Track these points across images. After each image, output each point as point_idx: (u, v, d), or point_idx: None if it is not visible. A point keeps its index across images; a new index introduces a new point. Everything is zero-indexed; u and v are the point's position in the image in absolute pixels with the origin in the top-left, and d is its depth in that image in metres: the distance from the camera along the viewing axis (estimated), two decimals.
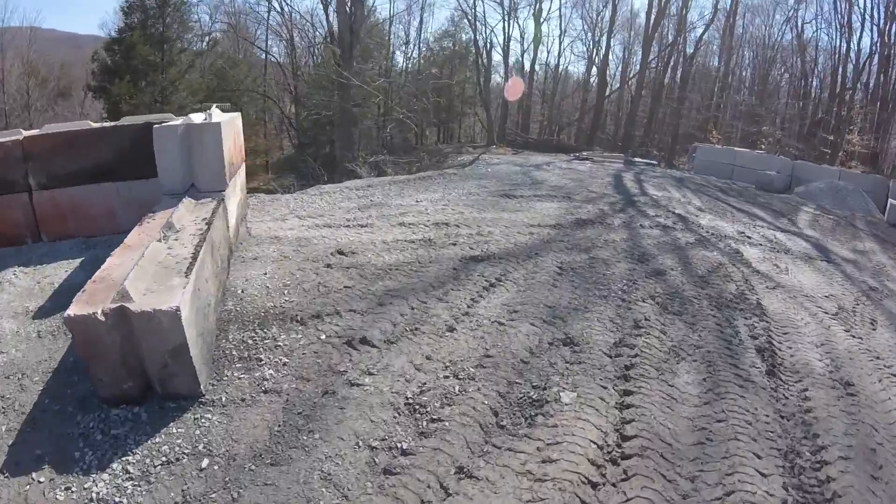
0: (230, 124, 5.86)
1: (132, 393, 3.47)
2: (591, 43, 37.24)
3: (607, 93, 35.42)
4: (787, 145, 27.75)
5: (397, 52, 38.65)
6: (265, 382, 3.68)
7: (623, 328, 4.89)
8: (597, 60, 35.44)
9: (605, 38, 34.01)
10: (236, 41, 35.09)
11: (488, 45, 29.98)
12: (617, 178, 13.79)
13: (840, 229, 11.08)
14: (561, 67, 39.69)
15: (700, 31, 33.93)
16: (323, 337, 4.23)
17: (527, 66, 34.70)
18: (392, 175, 13.59)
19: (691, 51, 34.05)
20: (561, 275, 6.01)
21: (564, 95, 38.38)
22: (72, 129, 6.36)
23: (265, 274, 5.16)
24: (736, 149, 20.31)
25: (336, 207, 8.64)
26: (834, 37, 31.25)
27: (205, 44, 31.96)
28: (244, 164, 7.21)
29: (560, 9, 39.81)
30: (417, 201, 9.14)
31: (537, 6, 32.54)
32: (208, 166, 5.25)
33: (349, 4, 21.23)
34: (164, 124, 5.25)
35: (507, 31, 32.47)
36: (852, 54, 30.00)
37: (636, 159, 19.47)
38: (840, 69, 30.17)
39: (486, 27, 30.29)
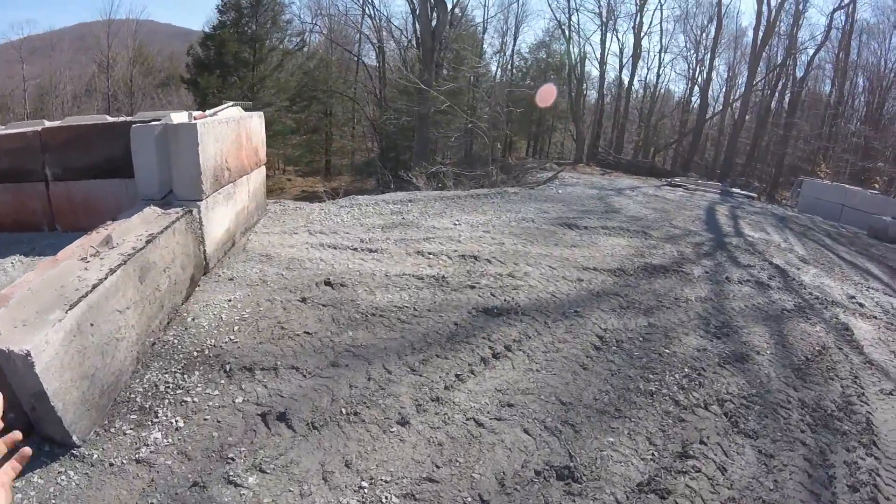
0: (227, 126, 5.50)
1: (15, 425, 2.73)
2: (693, 61, 34.27)
3: (708, 115, 32.27)
4: None
5: (491, 61, 37.59)
6: (144, 448, 3.06)
7: (662, 455, 3.40)
8: (699, 80, 32.46)
9: (708, 55, 31.00)
10: (329, 43, 35.72)
11: (581, 57, 28.15)
12: (709, 212, 11.87)
13: None
14: (660, 86, 36.92)
15: (811, 52, 30.07)
16: (239, 400, 3.45)
17: (625, 83, 32.42)
18: (449, 189, 12.48)
19: (801, 74, 30.22)
20: (600, 349, 4.60)
21: (662, 116, 35.52)
22: (87, 122, 6.40)
23: (229, 301, 4.60)
24: (847, 186, 17.46)
25: (358, 224, 7.73)
26: None
27: (295, 44, 32.65)
28: (260, 169, 6.83)
29: (661, 23, 36.92)
30: (455, 224, 7.99)
31: (638, 19, 30.26)
32: (183, 172, 4.86)
33: (432, 9, 20.49)
34: (140, 124, 4.91)
35: (604, 44, 30.47)
36: None
37: (734, 190, 17.18)
38: None
39: (580, 39, 28.54)
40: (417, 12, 20.98)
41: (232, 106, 6.54)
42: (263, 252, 5.84)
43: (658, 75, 38.00)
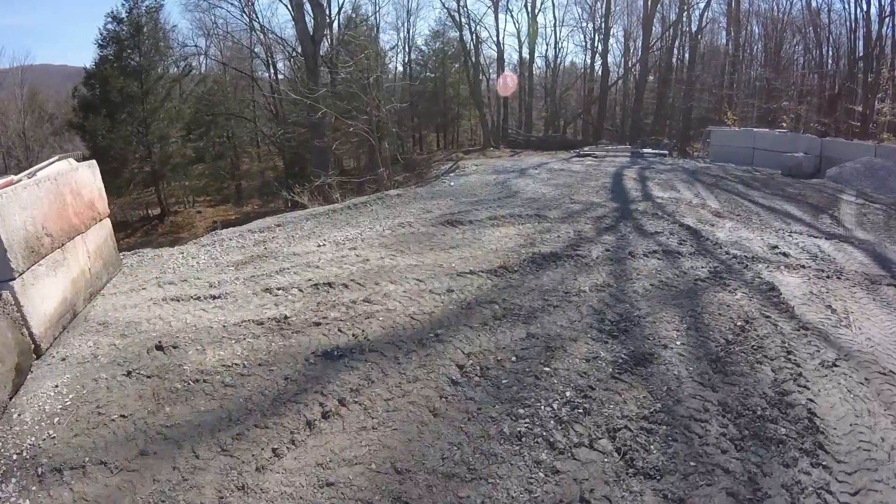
0: (40, 187, 4.91)
1: None
2: (591, 30, 34.12)
3: (611, 81, 32.22)
4: (810, 121, 24.13)
5: (389, 58, 36.26)
6: None
7: None
8: (598, 48, 32.33)
9: (603, 23, 30.85)
10: (221, 64, 33.52)
11: (475, 41, 27.18)
12: (616, 178, 11.21)
13: (895, 223, 8.17)
14: (560, 60, 36.63)
15: (703, 6, 30.46)
16: None
17: (525, 61, 31.82)
18: (336, 202, 11.21)
19: (696, 28, 30.59)
20: (458, 384, 3.59)
21: (566, 88, 35.26)
22: None
23: (56, 387, 3.99)
24: (755, 129, 17.36)
25: (213, 265, 6.59)
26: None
27: (181, 69, 30.38)
28: (101, 223, 6.19)
29: None
30: (319, 245, 6.84)
31: None
32: None
33: (308, 14, 19.04)
34: None
35: (498, 25, 29.71)
36: (874, 15, 26.07)
37: (645, 150, 16.76)
38: (861, 33, 26.33)
39: (471, 23, 27.54)
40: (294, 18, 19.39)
41: (58, 160, 5.94)
42: (102, 319, 5.09)
43: (557, 49, 37.78)
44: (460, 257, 5.88)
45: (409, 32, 38.53)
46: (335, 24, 26.63)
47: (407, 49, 37.55)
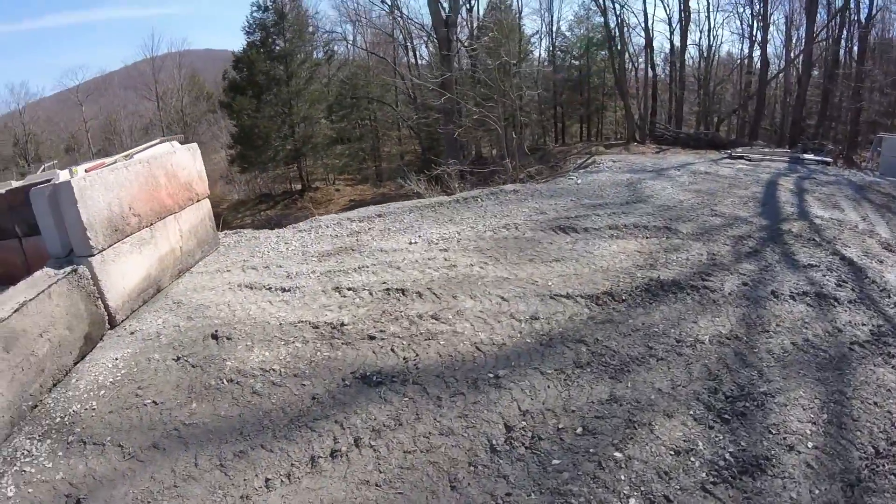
0: (129, 171, 5.29)
1: None
2: (749, 16, 29.73)
3: (770, 75, 27.79)
4: None
5: (531, 45, 35.02)
6: None
7: None
8: (757, 37, 28.09)
9: (761, 8, 26.64)
10: (364, 49, 34.92)
11: (620, 25, 24.92)
12: (769, 188, 9.42)
13: None
14: (713, 49, 31.95)
15: None
16: (59, 476, 3.12)
17: (676, 50, 28.66)
18: (454, 192, 10.73)
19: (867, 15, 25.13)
20: (496, 452, 2.94)
21: (719, 81, 31.16)
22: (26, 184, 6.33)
23: (115, 360, 4.28)
24: None
25: (300, 253, 6.58)
26: None
27: (322, 54, 32.17)
28: (199, 204, 6.48)
29: None
30: (411, 242, 6.45)
31: None
32: (72, 229, 4.73)
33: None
34: (36, 187, 4.89)
35: (647, 10, 26.97)
36: None
37: (805, 156, 14.17)
38: None
39: (616, 7, 25.19)
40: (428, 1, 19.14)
41: (160, 142, 6.36)
42: (179, 299, 5.33)
43: (711, 38, 33.52)
44: (561, 274, 5.09)
45: (552, 17, 36.82)
46: (475, 9, 26.17)
47: (552, 35, 35.98)
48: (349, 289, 5.10)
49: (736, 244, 6.03)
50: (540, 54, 36.70)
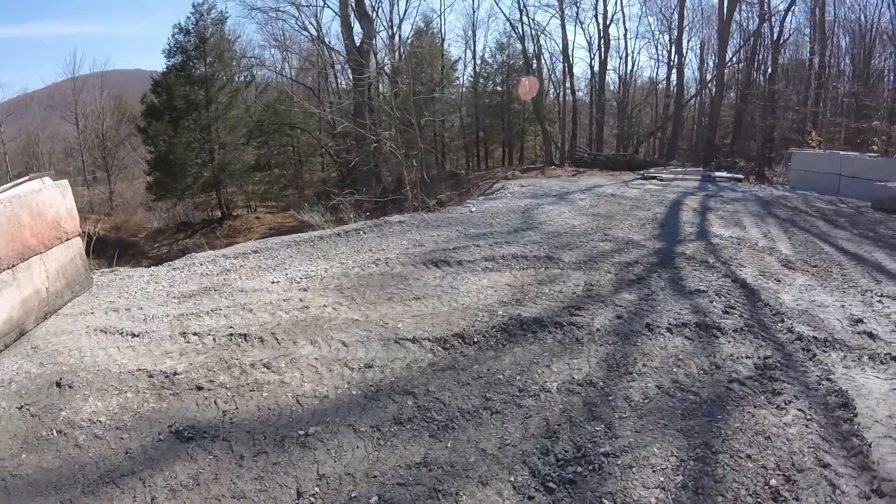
0: None
1: None
2: (667, 42, 31.68)
3: (686, 98, 29.56)
4: None
5: (454, 69, 35.70)
6: None
7: None
8: (674, 62, 29.86)
9: (675, 33, 28.45)
10: (282, 74, 34.60)
11: (537, 52, 25.76)
12: (673, 208, 9.77)
13: None
14: (632, 74, 34.01)
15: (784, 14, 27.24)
16: None
17: (595, 75, 29.94)
18: (349, 223, 10.53)
19: (777, 38, 27.38)
20: None
21: (636, 105, 32.87)
22: None
23: None
24: (841, 153, 15.02)
25: (165, 293, 6.31)
26: None
27: (242, 79, 31.70)
28: (68, 243, 6.28)
29: (622, 8, 34.18)
30: (274, 282, 6.26)
31: (601, 5, 27.97)
32: None
33: (355, 23, 18.73)
34: None
35: (565, 36, 27.98)
36: None
37: (717, 174, 14.99)
38: None
39: (534, 34, 26.22)
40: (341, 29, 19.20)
41: (29, 179, 6.11)
42: (37, 344, 5.11)
43: (629, 63, 35.25)
44: (416, 314, 4.98)
45: (475, 44, 37.76)
46: (396, 36, 26.41)
47: (475, 61, 36.89)
48: (195, 334, 4.85)
49: (620, 272, 5.99)
50: (463, 80, 37.54)
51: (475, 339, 4.40)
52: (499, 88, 34.33)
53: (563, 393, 3.63)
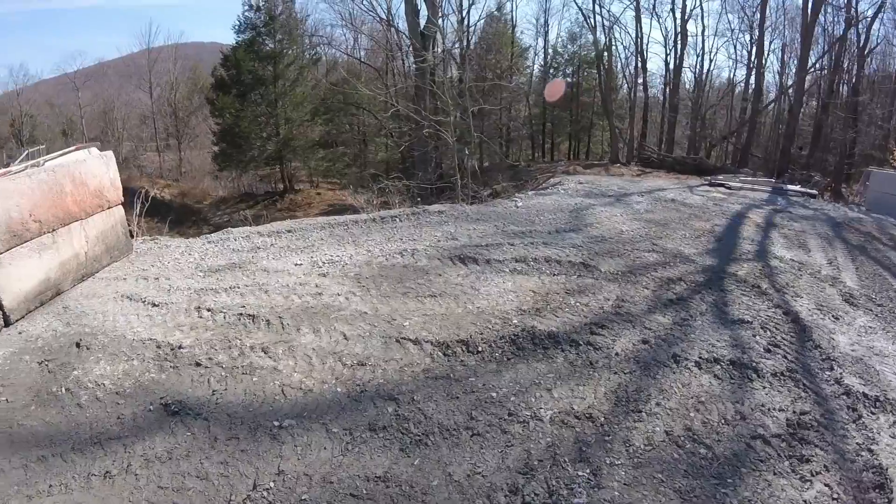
0: (30, 179, 5.54)
1: None
2: (748, 43, 29.48)
3: (764, 103, 27.46)
4: None
5: (524, 57, 35.07)
6: None
7: None
8: (753, 63, 27.82)
9: (756, 33, 26.41)
10: (356, 56, 35.14)
11: (608, 45, 24.73)
12: (735, 220, 9.12)
13: None
14: (708, 73, 31.93)
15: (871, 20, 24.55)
16: None
17: (671, 72, 28.46)
18: (393, 208, 10.58)
19: (863, 46, 24.71)
20: None
21: (710, 106, 30.95)
22: None
23: None
24: None
25: (195, 266, 6.56)
26: None
27: (311, 57, 32.43)
28: (109, 211, 6.71)
29: (700, 3, 32.29)
30: (297, 264, 6.36)
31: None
32: None
33: (416, 10, 18.62)
34: None
35: (640, 30, 26.64)
36: None
37: (789, 187, 13.95)
38: None
39: (605, 26, 25.24)
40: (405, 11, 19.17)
41: (76, 150, 6.62)
42: (68, 304, 5.49)
43: (704, 62, 33.09)
44: (427, 313, 4.90)
45: (546, 33, 36.90)
46: (465, 21, 26.16)
47: (545, 50, 36.08)
48: (208, 309, 5.04)
49: (659, 289, 5.57)
50: (533, 70, 36.90)
51: (479, 349, 4.26)
52: (569, 80, 33.49)
53: (556, 424, 3.38)
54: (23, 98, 38.73)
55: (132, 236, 9.22)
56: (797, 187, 14.25)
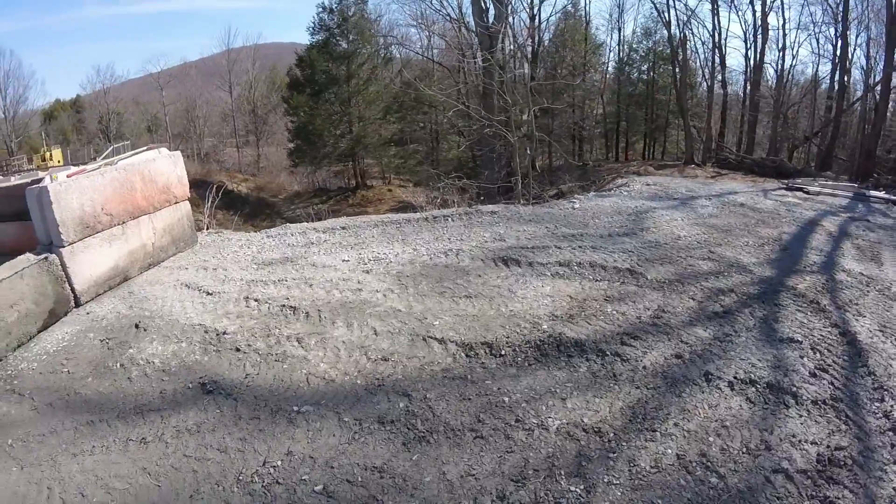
0: (105, 176, 6.20)
1: None
2: (833, 37, 26.89)
3: (849, 101, 25.00)
4: None
5: (599, 54, 34.27)
6: None
7: None
8: (837, 60, 25.62)
9: (841, 26, 24.18)
10: (418, 53, 35.80)
11: (682, 39, 23.57)
12: (805, 229, 8.49)
13: None
14: (791, 70, 29.52)
15: None
16: None
17: (750, 69, 26.84)
18: (450, 206, 10.77)
19: None
20: (238, 483, 3.18)
21: (791, 105, 28.67)
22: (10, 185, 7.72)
23: (66, 333, 5.17)
24: None
25: (250, 259, 7.10)
26: None
27: (381, 57, 33.37)
28: (177, 206, 7.36)
29: None
30: (344, 260, 6.73)
31: None
32: (50, 224, 5.69)
33: (485, 3, 18.60)
34: (30, 187, 5.86)
35: (719, 24, 25.12)
36: None
37: (873, 192, 12.86)
38: None
39: (680, 20, 24.02)
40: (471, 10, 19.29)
41: (147, 150, 7.31)
42: (133, 289, 6.11)
43: (786, 57, 30.78)
44: (459, 313, 5.04)
45: (621, 29, 35.84)
46: (537, 19, 25.95)
47: (620, 46, 35.19)
48: (255, 300, 5.47)
49: (706, 300, 5.29)
50: (607, 66, 36.09)
51: (503, 352, 4.33)
52: (644, 77, 32.48)
53: (561, 435, 3.33)
54: (110, 96, 42.63)
55: (206, 228, 10.00)
56: (881, 193, 13.17)
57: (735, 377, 3.91)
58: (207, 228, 9.96)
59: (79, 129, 44.05)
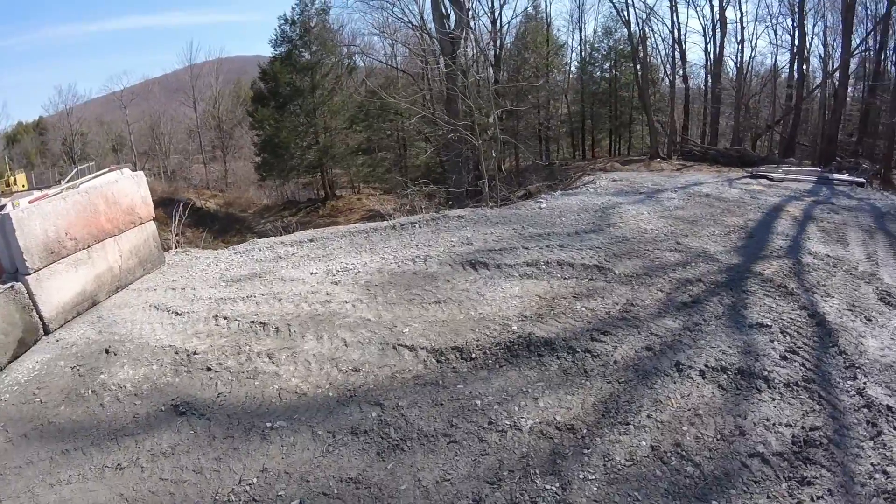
0: (67, 201, 6.10)
1: None
2: (790, 27, 28.11)
3: (808, 89, 26.16)
4: None
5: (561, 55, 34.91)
6: None
7: None
8: (795, 49, 26.61)
9: (797, 16, 25.19)
10: (378, 60, 36.03)
11: (642, 36, 24.12)
12: (770, 215, 8.81)
13: None
14: (749, 61, 30.71)
15: None
16: None
17: (710, 62, 27.65)
18: (418, 213, 10.85)
19: None
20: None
21: (751, 95, 29.73)
22: None
23: (36, 363, 5.05)
24: None
25: (218, 277, 7.05)
26: None
27: (345, 67, 33.48)
28: (142, 226, 7.28)
29: None
30: (312, 273, 6.71)
31: None
32: (13, 252, 5.56)
33: (446, 10, 18.82)
34: None
35: (677, 20, 25.87)
36: None
37: (835, 176, 13.38)
38: None
39: (638, 17, 24.60)
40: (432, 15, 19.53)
41: (109, 171, 7.16)
42: (102, 314, 6.03)
43: (745, 49, 31.83)
44: (429, 319, 5.12)
45: (582, 29, 36.70)
46: (498, 23, 26.28)
47: (581, 46, 35.92)
48: (225, 318, 5.45)
49: (674, 291, 5.45)
50: (570, 66, 36.83)
51: (473, 355, 4.40)
52: (606, 75, 33.15)
53: (535, 435, 3.40)
54: (73, 117, 41.82)
55: (174, 247, 9.88)
56: (844, 176, 13.67)
57: (706, 365, 4.02)
58: (175, 248, 9.83)
59: (43, 151, 43.23)
